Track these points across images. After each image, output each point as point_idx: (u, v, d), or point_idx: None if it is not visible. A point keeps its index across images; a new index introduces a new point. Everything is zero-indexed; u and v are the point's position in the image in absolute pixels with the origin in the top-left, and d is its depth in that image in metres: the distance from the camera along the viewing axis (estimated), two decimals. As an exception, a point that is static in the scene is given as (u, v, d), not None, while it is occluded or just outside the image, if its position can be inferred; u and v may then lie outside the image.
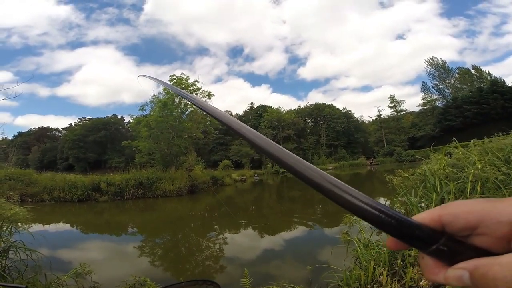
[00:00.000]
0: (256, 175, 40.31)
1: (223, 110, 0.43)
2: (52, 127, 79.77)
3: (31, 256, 3.49)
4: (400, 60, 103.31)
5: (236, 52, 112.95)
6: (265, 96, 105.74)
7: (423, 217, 0.26)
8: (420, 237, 0.25)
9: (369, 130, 65.37)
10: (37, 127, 77.95)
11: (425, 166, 4.01)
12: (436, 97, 62.60)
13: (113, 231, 9.34)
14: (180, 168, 20.40)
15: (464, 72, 60.00)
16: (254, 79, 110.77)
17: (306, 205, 13.39)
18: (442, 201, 3.04)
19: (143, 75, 1.04)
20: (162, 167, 20.55)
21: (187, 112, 24.79)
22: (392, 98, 61.87)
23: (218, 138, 43.79)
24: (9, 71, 75.95)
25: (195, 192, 18.60)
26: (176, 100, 23.63)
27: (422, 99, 63.18)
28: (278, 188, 25.12)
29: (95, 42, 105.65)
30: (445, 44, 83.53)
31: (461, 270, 0.23)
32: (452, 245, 0.25)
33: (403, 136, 56.86)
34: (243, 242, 7.22)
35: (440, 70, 62.50)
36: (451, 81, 61.36)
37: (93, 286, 3.55)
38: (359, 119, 69.57)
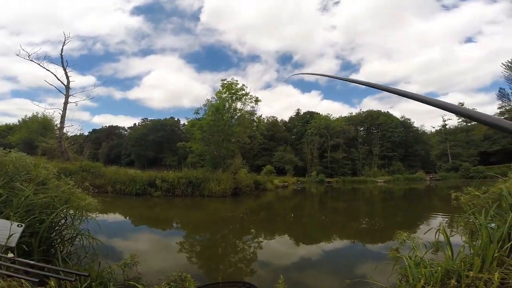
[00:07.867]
0: (299, 182, 39.38)
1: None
2: (120, 126, 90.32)
3: (92, 244, 3.73)
4: (471, 65, 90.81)
5: (285, 59, 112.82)
6: (314, 103, 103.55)
7: None
8: None
9: (431, 142, 58.65)
10: (107, 125, 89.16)
11: (502, 184, 3.37)
12: (516, 105, 53.31)
13: (160, 225, 9.99)
14: (226, 170, 21.10)
15: (552, 78, 49.99)
16: (304, 86, 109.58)
17: (350, 218, 12.50)
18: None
19: None
20: (210, 168, 21.48)
21: (236, 117, 25.53)
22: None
23: (263, 143, 44.08)
24: (93, 75, 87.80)
25: (239, 194, 18.96)
26: (227, 105, 24.60)
27: (499, 108, 54.03)
28: (321, 197, 24.07)
29: (162, 50, 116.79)
30: (526, 47, 70.93)
31: None
32: None
33: (472, 150, 49.49)
34: (278, 248, 7.04)
35: (521, 75, 53.13)
36: (535, 88, 51.63)
37: (137, 277, 3.65)
38: (419, 129, 63.07)
